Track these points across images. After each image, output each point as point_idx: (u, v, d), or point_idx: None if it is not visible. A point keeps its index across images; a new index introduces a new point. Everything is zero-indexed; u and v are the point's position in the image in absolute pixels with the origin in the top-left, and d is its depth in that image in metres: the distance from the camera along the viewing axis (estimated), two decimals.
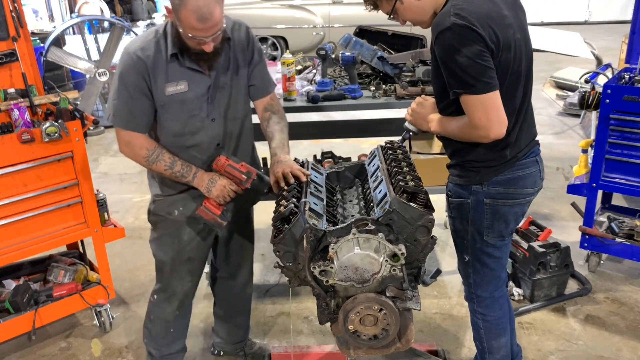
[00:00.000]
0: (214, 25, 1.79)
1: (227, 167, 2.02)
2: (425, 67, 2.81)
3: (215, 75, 2.00)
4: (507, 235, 2.00)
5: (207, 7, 1.75)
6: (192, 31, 1.79)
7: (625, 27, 3.86)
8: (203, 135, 2.04)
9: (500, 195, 1.91)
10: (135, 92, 1.92)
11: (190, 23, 1.76)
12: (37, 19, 12.24)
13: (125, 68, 1.91)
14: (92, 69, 5.93)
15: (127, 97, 1.93)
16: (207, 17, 1.76)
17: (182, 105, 1.97)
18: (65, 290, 2.75)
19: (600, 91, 2.92)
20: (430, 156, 3.17)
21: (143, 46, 1.90)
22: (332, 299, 1.81)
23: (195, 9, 1.73)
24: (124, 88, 1.92)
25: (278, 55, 8.23)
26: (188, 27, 1.78)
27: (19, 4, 2.58)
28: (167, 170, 2.00)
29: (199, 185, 2.02)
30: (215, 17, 1.77)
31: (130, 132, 1.97)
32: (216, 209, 2.04)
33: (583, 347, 2.67)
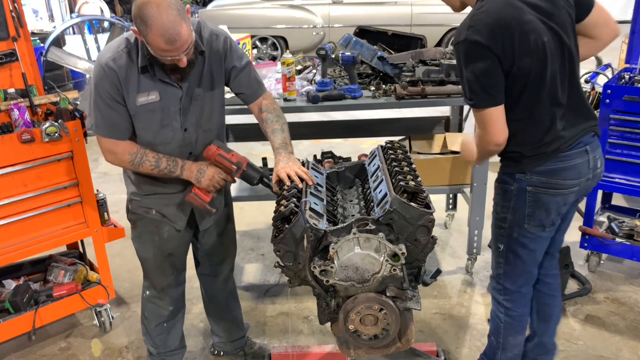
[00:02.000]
0: (183, 44, 1.80)
1: (217, 156, 2.03)
2: (425, 67, 2.81)
3: (187, 87, 2.01)
4: (548, 225, 2.04)
5: (173, 29, 1.76)
6: (161, 53, 1.81)
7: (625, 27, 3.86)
8: (175, 145, 2.05)
9: (543, 185, 1.96)
10: (111, 102, 1.93)
11: (159, 46, 1.78)
12: (37, 19, 12.24)
13: (99, 79, 1.92)
14: (92, 69, 5.92)
15: (105, 107, 1.94)
16: (175, 38, 1.77)
17: (153, 115, 1.98)
18: (65, 290, 2.75)
19: (600, 91, 2.92)
20: (430, 156, 3.17)
21: (114, 57, 1.91)
22: (333, 299, 1.81)
23: (161, 33, 1.75)
24: (100, 98, 1.93)
25: (278, 55, 8.23)
26: (157, 50, 1.80)
27: (19, 4, 2.58)
28: (154, 169, 2.01)
29: (189, 177, 2.04)
30: (182, 36, 1.79)
31: (112, 140, 1.99)
32: (205, 196, 2.05)
33: (583, 347, 2.67)
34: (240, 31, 3.38)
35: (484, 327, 2.81)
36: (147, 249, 2.23)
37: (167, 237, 2.19)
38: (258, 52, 8.32)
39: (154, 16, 1.74)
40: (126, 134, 2.00)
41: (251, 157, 5.21)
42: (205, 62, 2.03)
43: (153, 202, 2.15)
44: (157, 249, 2.21)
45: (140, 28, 1.79)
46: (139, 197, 2.17)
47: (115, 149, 2.00)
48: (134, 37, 1.92)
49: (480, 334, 2.76)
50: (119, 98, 1.93)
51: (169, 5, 1.77)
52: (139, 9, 1.77)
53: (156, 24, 1.74)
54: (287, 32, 8.33)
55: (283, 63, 2.80)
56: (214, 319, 2.61)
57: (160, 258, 2.23)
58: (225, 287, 2.52)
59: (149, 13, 1.75)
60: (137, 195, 2.17)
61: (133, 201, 2.19)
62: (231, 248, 2.48)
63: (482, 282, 3.20)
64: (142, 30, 1.79)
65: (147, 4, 1.76)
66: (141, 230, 2.21)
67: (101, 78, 1.91)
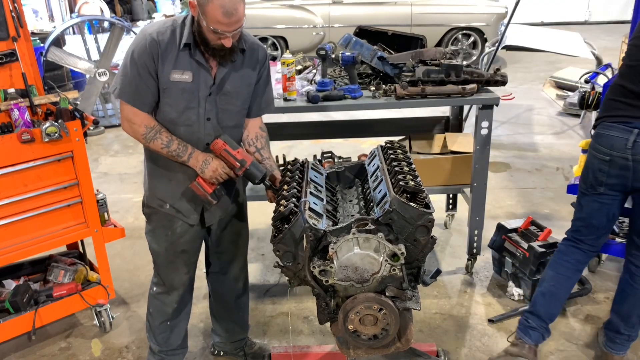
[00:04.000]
0: (237, 20, 1.88)
1: (222, 151, 2.05)
2: (425, 67, 2.81)
3: (220, 79, 2.05)
4: (585, 186, 2.35)
5: (232, 3, 1.85)
6: (216, 25, 1.87)
7: (625, 27, 3.87)
8: (195, 131, 2.08)
9: (592, 145, 2.31)
10: (143, 71, 1.98)
11: (216, 17, 1.85)
12: (37, 19, 12.23)
13: (139, 47, 1.97)
14: (92, 69, 5.93)
15: (136, 75, 1.98)
16: (232, 12, 1.85)
17: (182, 94, 2.02)
18: (65, 290, 2.75)
19: (600, 91, 2.92)
20: (430, 156, 3.17)
21: (160, 30, 1.98)
22: (332, 299, 1.81)
23: (222, 4, 1.83)
24: (134, 66, 1.98)
25: (278, 55, 8.23)
26: (213, 21, 1.86)
27: (19, 4, 2.58)
28: (163, 148, 2.04)
29: (194, 166, 2.07)
30: (239, 12, 1.87)
31: (134, 109, 2.02)
32: (208, 187, 2.07)
33: (583, 347, 2.67)
34: None
35: (484, 327, 2.81)
36: (160, 243, 2.24)
37: (180, 232, 2.21)
38: None
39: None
40: (148, 106, 2.04)
41: None
42: (244, 63, 2.10)
43: (167, 195, 2.17)
44: (169, 243, 2.23)
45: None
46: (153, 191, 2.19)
47: (134, 118, 2.03)
48: (181, 19, 2.01)
49: (480, 334, 2.76)
50: (152, 70, 1.98)
51: None
52: None
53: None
54: (287, 32, 8.32)
55: (283, 63, 2.80)
56: (217, 319, 2.61)
57: (172, 253, 2.24)
58: (235, 286, 2.51)
59: None
60: (152, 189, 2.19)
61: (148, 195, 2.22)
62: (242, 247, 2.47)
63: (482, 282, 3.20)
64: (201, 1, 1.85)
65: None
66: (155, 225, 2.24)
67: (142, 47, 1.96)
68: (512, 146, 5.34)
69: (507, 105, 6.09)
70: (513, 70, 8.40)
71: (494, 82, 2.89)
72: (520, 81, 7.70)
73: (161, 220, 2.21)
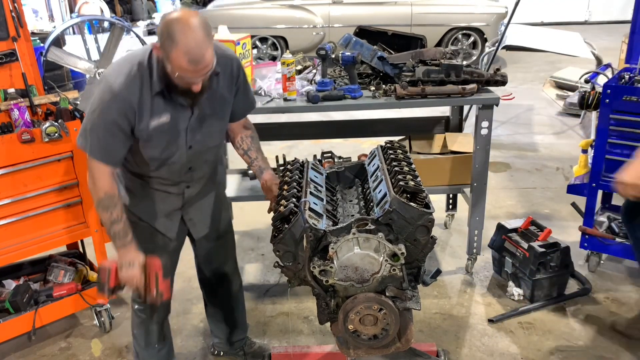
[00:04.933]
0: (205, 67, 1.77)
1: (152, 272, 1.94)
2: (425, 67, 2.81)
3: (197, 109, 1.99)
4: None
5: (198, 48, 1.72)
6: (181, 72, 1.76)
7: (625, 27, 3.86)
8: (178, 160, 2.03)
9: None
10: (114, 128, 1.87)
11: (181, 64, 1.73)
12: (37, 19, 12.24)
13: (107, 105, 1.85)
14: (92, 69, 5.92)
15: (105, 133, 1.87)
16: (199, 59, 1.73)
17: (163, 135, 1.95)
18: (65, 290, 2.75)
19: (600, 91, 2.91)
20: (430, 156, 3.17)
21: (127, 83, 1.84)
22: (332, 299, 1.81)
23: (187, 51, 1.71)
24: (103, 123, 1.86)
25: (278, 55, 8.23)
26: (177, 68, 1.75)
27: (19, 4, 2.58)
28: (107, 222, 1.94)
29: (119, 256, 1.96)
30: (206, 59, 1.75)
31: (102, 168, 1.91)
32: (113, 281, 1.94)
33: (583, 347, 2.67)
34: (240, 31, 3.37)
35: (484, 327, 2.81)
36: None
37: (162, 245, 2.16)
38: (258, 52, 8.31)
39: (182, 32, 1.70)
40: (120, 161, 1.95)
41: None
42: (219, 84, 2.01)
43: (142, 213, 2.12)
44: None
45: (164, 43, 1.73)
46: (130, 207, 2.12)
47: (100, 179, 1.91)
48: (146, 60, 1.87)
49: (480, 334, 2.76)
50: (125, 125, 1.87)
51: (199, 25, 1.73)
52: (167, 25, 1.73)
53: (183, 41, 1.70)
54: (287, 32, 8.32)
55: (283, 63, 2.80)
56: (215, 322, 2.60)
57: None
58: (229, 289, 2.50)
59: (177, 29, 1.71)
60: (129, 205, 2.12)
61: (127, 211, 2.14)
62: (230, 250, 2.47)
63: (482, 282, 3.20)
64: (166, 46, 1.73)
65: (177, 20, 1.72)
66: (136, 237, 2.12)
67: (110, 104, 1.84)
68: (512, 146, 5.34)
69: (507, 105, 6.08)
70: (513, 70, 8.40)
71: (494, 82, 2.89)
72: (520, 81, 7.70)
73: (143, 233, 2.13)
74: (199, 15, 1.77)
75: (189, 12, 1.78)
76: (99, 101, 1.86)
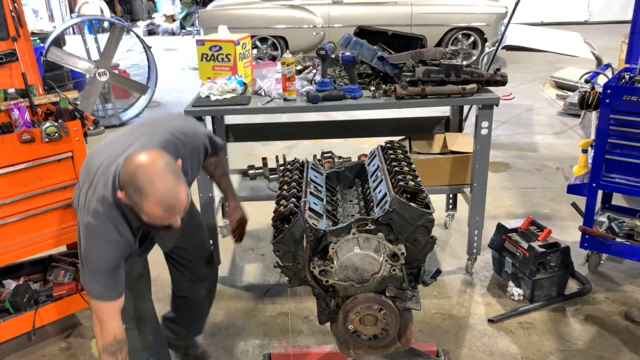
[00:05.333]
0: (181, 207, 1.68)
1: None
2: (425, 67, 2.81)
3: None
4: None
5: (171, 195, 1.63)
6: (158, 220, 1.67)
7: (625, 27, 3.86)
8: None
9: None
10: (120, 263, 1.84)
11: (156, 214, 1.64)
12: (37, 19, 12.25)
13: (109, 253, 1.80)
14: (92, 69, 5.93)
15: (112, 272, 1.82)
16: (174, 204, 1.64)
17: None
18: (65, 290, 2.75)
19: (600, 91, 2.91)
20: (430, 156, 3.17)
21: (117, 227, 1.77)
22: (332, 299, 1.81)
23: (159, 201, 1.61)
24: (107, 267, 1.81)
25: (278, 55, 8.23)
26: (153, 217, 1.67)
27: (19, 4, 2.58)
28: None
29: None
30: (181, 200, 1.67)
31: (108, 306, 1.84)
32: None
33: (583, 347, 2.67)
34: (240, 31, 3.38)
35: (484, 327, 2.81)
36: None
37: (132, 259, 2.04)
38: (258, 52, 8.31)
39: (150, 184, 1.61)
40: (122, 291, 1.88)
41: (251, 157, 5.23)
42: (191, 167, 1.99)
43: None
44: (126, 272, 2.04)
45: (133, 197, 1.63)
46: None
47: (107, 321, 1.85)
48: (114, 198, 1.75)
49: (480, 334, 2.76)
50: (123, 259, 1.85)
51: (165, 169, 1.64)
52: (131, 177, 1.62)
53: (153, 193, 1.61)
54: (287, 32, 8.32)
55: (283, 63, 2.80)
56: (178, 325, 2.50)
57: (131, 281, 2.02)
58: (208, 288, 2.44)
59: (144, 181, 1.61)
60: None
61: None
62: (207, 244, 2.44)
63: (482, 282, 3.20)
64: (135, 199, 1.63)
65: (139, 170, 1.62)
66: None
67: (112, 250, 1.79)
68: (512, 146, 5.34)
69: (507, 105, 6.08)
70: (513, 70, 8.40)
71: (494, 82, 2.89)
72: (520, 81, 7.70)
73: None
74: (159, 154, 1.68)
75: (149, 154, 1.67)
76: (97, 256, 1.80)
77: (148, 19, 14.02)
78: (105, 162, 1.83)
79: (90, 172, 1.87)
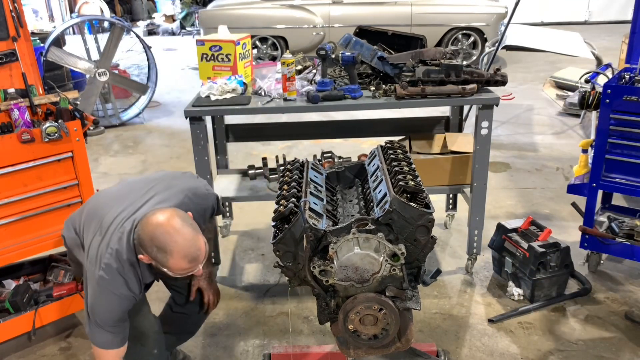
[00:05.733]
0: (203, 256, 1.81)
1: None
2: (425, 67, 2.81)
3: None
4: None
5: (193, 246, 1.75)
6: (183, 272, 1.79)
7: (625, 27, 3.87)
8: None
9: None
10: (125, 315, 1.92)
11: (182, 267, 1.76)
12: (37, 19, 12.26)
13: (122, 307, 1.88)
14: (92, 69, 5.93)
15: (123, 321, 1.93)
16: (197, 255, 1.77)
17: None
18: (65, 290, 2.75)
19: (600, 91, 2.91)
20: (430, 156, 3.17)
21: (128, 283, 1.86)
22: (332, 299, 1.81)
23: (184, 255, 1.74)
24: (118, 319, 1.90)
25: (278, 55, 8.23)
26: (179, 271, 1.78)
27: (19, 4, 2.58)
28: None
29: None
30: (202, 250, 1.79)
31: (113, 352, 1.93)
32: None
33: (583, 347, 2.67)
34: (240, 31, 3.38)
35: (484, 327, 2.81)
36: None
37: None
38: (258, 52, 8.32)
39: (172, 241, 1.72)
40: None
41: (251, 157, 5.22)
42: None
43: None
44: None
45: (157, 256, 1.74)
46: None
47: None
48: (134, 258, 1.85)
49: (480, 334, 2.76)
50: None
51: (183, 224, 1.75)
52: (152, 238, 1.73)
53: (177, 249, 1.72)
54: (287, 32, 8.32)
55: (283, 63, 2.80)
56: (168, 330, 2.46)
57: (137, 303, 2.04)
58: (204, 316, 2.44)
59: (165, 240, 1.72)
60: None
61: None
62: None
63: (482, 282, 3.20)
64: (160, 258, 1.75)
65: (158, 229, 1.73)
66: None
67: (119, 304, 1.87)
68: (512, 146, 5.34)
69: (507, 105, 6.09)
70: (513, 70, 8.40)
71: (494, 82, 2.89)
72: (520, 81, 7.70)
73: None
74: (174, 211, 1.78)
75: (164, 213, 1.78)
76: (110, 307, 1.87)
77: (148, 19, 14.03)
78: (119, 217, 1.90)
79: (101, 224, 1.92)
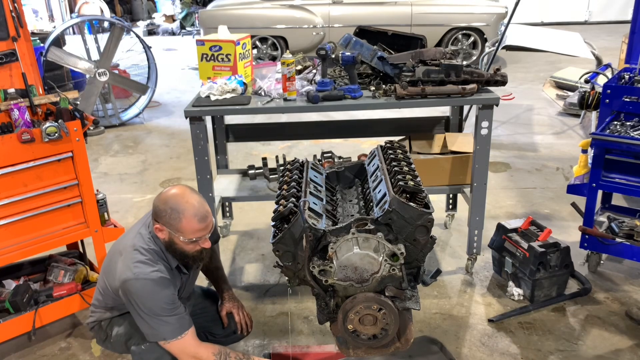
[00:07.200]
0: (211, 221, 2.00)
1: None
2: (425, 67, 2.81)
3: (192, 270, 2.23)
4: None
5: (202, 206, 1.97)
6: (195, 234, 1.96)
7: (625, 27, 3.87)
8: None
9: None
10: (174, 298, 2.02)
11: (193, 227, 1.94)
12: (37, 19, 12.26)
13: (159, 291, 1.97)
14: (92, 69, 5.93)
15: (172, 308, 2.00)
16: (206, 214, 1.97)
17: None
18: (65, 290, 2.75)
19: (600, 91, 2.92)
20: (430, 156, 3.17)
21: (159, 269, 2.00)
22: (332, 299, 1.81)
23: (194, 213, 1.94)
24: (166, 307, 1.98)
25: (278, 55, 8.23)
26: (191, 232, 1.95)
27: (19, 4, 2.58)
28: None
29: None
30: (209, 212, 1.99)
31: (184, 341, 2.00)
32: None
33: (583, 347, 2.67)
34: (240, 31, 3.38)
35: (484, 327, 2.81)
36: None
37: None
38: (258, 52, 8.32)
39: (183, 201, 1.94)
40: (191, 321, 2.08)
41: (251, 157, 5.22)
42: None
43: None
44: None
45: (171, 217, 1.94)
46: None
47: (199, 351, 2.03)
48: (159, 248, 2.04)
49: (480, 334, 2.76)
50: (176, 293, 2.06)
51: (189, 189, 2.00)
52: (166, 202, 1.96)
53: (188, 208, 1.94)
54: (287, 32, 8.33)
55: (283, 63, 2.80)
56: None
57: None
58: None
59: (178, 201, 1.95)
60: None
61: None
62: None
63: (482, 282, 3.20)
64: (173, 219, 1.94)
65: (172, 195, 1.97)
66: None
67: (162, 289, 1.97)
68: (512, 146, 5.34)
69: (507, 105, 6.09)
70: (513, 70, 8.40)
71: (494, 82, 2.89)
72: (520, 81, 7.70)
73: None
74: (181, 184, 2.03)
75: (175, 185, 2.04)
76: (148, 296, 1.96)
77: (148, 19, 14.03)
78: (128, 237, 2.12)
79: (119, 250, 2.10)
